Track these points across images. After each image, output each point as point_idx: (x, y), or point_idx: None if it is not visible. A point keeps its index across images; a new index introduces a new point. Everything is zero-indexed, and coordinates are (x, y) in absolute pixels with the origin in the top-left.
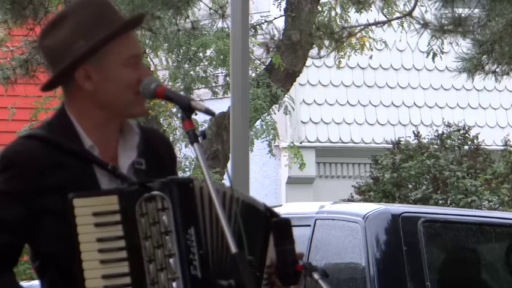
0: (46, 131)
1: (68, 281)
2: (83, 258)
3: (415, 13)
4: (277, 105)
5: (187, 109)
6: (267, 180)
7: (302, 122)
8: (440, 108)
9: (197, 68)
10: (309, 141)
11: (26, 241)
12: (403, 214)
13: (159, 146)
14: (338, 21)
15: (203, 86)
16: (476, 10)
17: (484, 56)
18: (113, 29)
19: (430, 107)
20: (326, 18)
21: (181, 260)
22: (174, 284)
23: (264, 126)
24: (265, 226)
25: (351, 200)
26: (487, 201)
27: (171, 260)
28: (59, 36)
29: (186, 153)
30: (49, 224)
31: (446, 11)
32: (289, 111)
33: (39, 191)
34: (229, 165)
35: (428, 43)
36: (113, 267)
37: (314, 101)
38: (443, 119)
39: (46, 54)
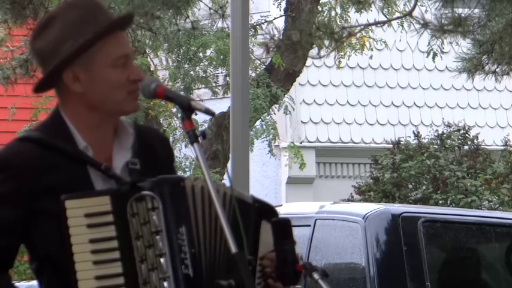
0: (41, 133)
1: (65, 282)
2: (75, 260)
3: (415, 13)
4: (277, 105)
5: (187, 109)
6: (267, 180)
7: (302, 122)
8: (440, 108)
9: (197, 68)
10: (309, 141)
11: (22, 243)
12: (403, 214)
13: (156, 145)
14: (338, 21)
15: (203, 86)
16: (476, 10)
17: (484, 56)
18: (99, 29)
19: (430, 107)
20: (326, 18)
21: (172, 259)
22: (165, 284)
23: (264, 126)
24: (255, 218)
25: (351, 200)
26: (487, 201)
27: (161, 260)
28: (47, 37)
29: (186, 153)
30: (44, 225)
31: (446, 11)
32: (289, 111)
33: (34, 193)
34: (229, 165)
35: (428, 43)
36: (106, 268)
37: (314, 101)
38: (443, 119)
39: (37, 57)
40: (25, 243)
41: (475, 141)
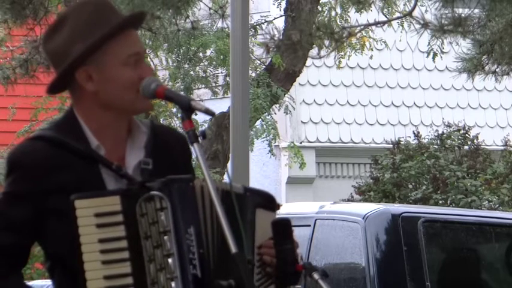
0: (53, 132)
1: (75, 281)
2: (84, 259)
3: (415, 13)
4: (277, 105)
5: (187, 109)
6: (267, 180)
7: (302, 122)
8: (440, 108)
9: (197, 68)
10: (309, 141)
11: (34, 242)
12: (403, 214)
13: (172, 145)
14: (338, 21)
15: (203, 86)
16: (476, 10)
17: (484, 56)
18: (108, 29)
19: (430, 107)
20: (326, 18)
21: (180, 260)
22: (172, 284)
23: (264, 126)
24: (251, 209)
25: (351, 200)
26: (487, 201)
27: (169, 260)
28: (59, 39)
29: None
30: (56, 224)
31: (446, 11)
32: (290, 111)
33: (46, 191)
34: (229, 165)
35: (428, 43)
36: (114, 268)
37: (314, 101)
38: (443, 119)
39: (49, 58)
40: (39, 242)
41: (475, 141)
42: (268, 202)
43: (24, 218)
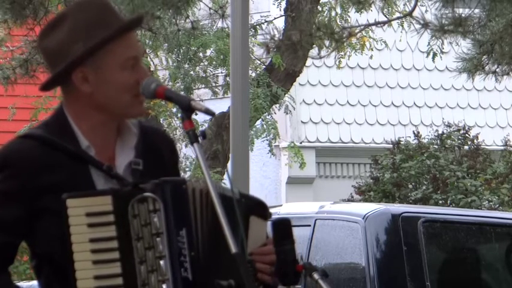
0: (43, 131)
1: (64, 280)
2: (75, 259)
3: (415, 13)
4: (277, 105)
5: (187, 109)
6: (267, 180)
7: (302, 122)
8: (440, 108)
9: (197, 68)
10: (309, 141)
11: (22, 241)
12: (403, 214)
13: (160, 145)
14: (338, 21)
15: (203, 86)
16: (477, 10)
17: (484, 56)
18: (110, 31)
19: (430, 107)
20: (326, 18)
21: (171, 262)
22: (164, 286)
23: (264, 126)
24: (245, 215)
25: (351, 200)
26: (487, 201)
27: (161, 262)
28: (58, 37)
29: (186, 153)
30: (45, 223)
31: (447, 11)
32: (290, 111)
33: (35, 190)
34: (229, 165)
35: (428, 43)
36: (105, 268)
37: (314, 101)
38: (443, 119)
39: (45, 55)
40: (26, 240)
41: (475, 141)
42: (262, 210)
43: (14, 217)
